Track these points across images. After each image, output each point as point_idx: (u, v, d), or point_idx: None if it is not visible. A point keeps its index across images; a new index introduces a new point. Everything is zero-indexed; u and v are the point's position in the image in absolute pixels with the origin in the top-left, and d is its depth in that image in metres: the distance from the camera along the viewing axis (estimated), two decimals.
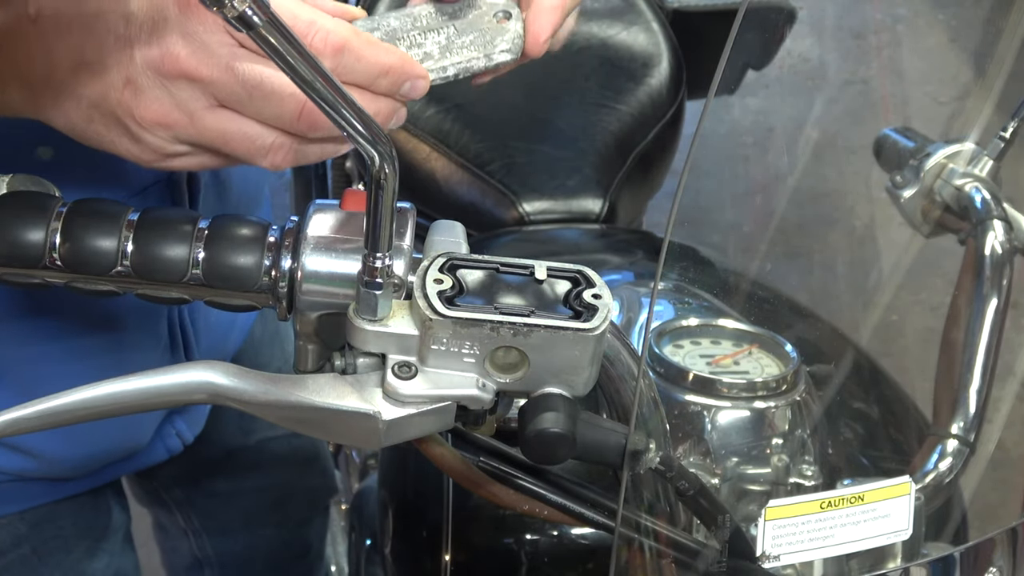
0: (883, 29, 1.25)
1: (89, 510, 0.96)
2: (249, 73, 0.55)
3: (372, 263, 0.55)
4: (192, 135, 0.57)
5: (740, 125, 1.39)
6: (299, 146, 0.59)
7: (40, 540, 0.92)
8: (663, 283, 1.00)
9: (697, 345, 0.84)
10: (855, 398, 0.93)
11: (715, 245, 1.13)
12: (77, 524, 0.95)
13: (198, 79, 0.55)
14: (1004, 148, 0.90)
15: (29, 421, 0.53)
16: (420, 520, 0.92)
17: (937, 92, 1.61)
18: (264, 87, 0.56)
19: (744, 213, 1.02)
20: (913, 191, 0.93)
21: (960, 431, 0.79)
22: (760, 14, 1.11)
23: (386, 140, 0.51)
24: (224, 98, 0.56)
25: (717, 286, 1.04)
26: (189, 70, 0.55)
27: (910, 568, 0.71)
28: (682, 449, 0.77)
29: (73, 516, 0.94)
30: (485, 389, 0.58)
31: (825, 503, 0.65)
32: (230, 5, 0.45)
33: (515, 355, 0.57)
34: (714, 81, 0.55)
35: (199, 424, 1.02)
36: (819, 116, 1.00)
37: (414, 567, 0.93)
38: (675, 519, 0.69)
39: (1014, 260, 0.86)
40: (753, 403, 0.78)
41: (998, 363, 0.82)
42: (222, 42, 0.55)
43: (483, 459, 0.65)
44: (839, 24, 1.37)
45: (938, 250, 0.94)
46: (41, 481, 0.89)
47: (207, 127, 0.57)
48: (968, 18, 2.35)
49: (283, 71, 0.48)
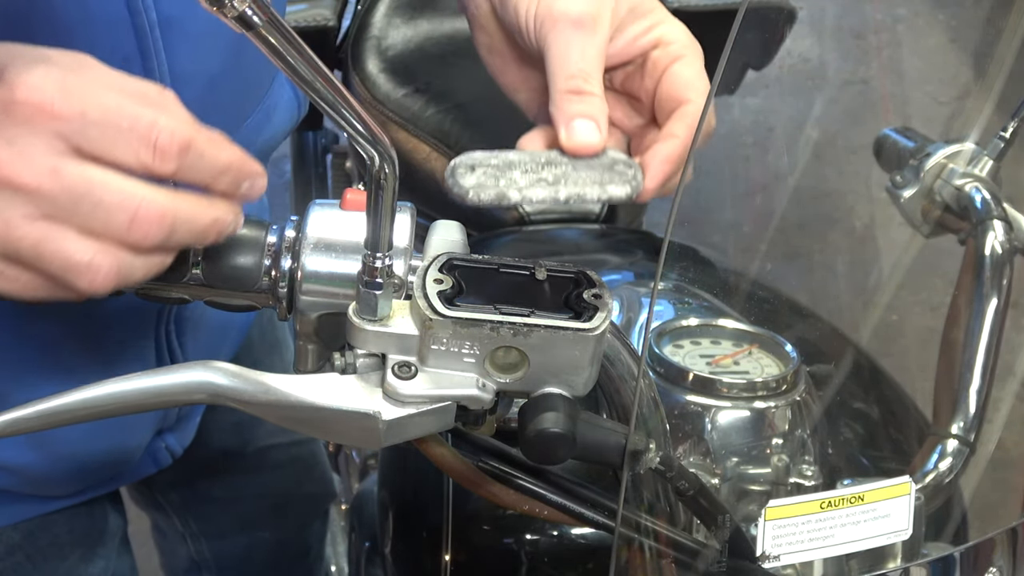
0: (883, 29, 1.26)
1: (84, 516, 0.96)
2: (77, 179, 0.50)
3: (372, 263, 0.55)
4: (3, 247, 0.51)
5: (740, 125, 1.39)
6: (125, 262, 0.52)
7: (34, 548, 0.91)
8: (663, 283, 1.00)
9: (697, 345, 0.84)
10: (855, 398, 0.93)
11: (715, 245, 1.13)
12: (72, 530, 0.95)
13: (19, 187, 0.50)
14: (1004, 148, 0.90)
15: (29, 421, 0.53)
16: (420, 520, 0.92)
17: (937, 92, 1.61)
18: (93, 194, 0.50)
19: (744, 213, 1.02)
20: (913, 191, 0.93)
21: (960, 431, 0.79)
22: (760, 14, 1.11)
23: (386, 140, 0.51)
24: (46, 208, 0.50)
25: (717, 286, 1.04)
26: (9, 177, 0.50)
27: (910, 568, 0.71)
28: (682, 449, 0.77)
29: (68, 523, 0.93)
30: (485, 389, 0.58)
31: (825, 503, 0.65)
32: (230, 5, 0.45)
33: (515, 355, 0.57)
34: (714, 81, 0.55)
35: (188, 437, 1.02)
36: (819, 116, 1.00)
37: (414, 567, 0.93)
38: (675, 519, 0.69)
39: (1014, 260, 0.86)
40: (753, 403, 0.78)
41: (998, 363, 0.82)
42: (48, 145, 0.50)
43: (483, 459, 0.65)
44: (839, 24, 1.37)
45: (938, 250, 0.94)
46: (31, 496, 0.89)
47: (20, 238, 0.50)
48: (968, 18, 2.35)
49: (283, 71, 0.48)
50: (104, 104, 0.50)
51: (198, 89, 0.74)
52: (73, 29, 0.66)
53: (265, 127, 0.89)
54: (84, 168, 0.50)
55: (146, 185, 0.52)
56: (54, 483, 0.89)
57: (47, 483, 0.89)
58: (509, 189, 0.57)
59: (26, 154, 0.50)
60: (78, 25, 0.66)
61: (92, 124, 0.50)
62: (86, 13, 0.66)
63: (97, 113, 0.50)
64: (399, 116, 1.30)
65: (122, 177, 0.51)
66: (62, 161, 0.50)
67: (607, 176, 0.59)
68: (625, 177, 0.59)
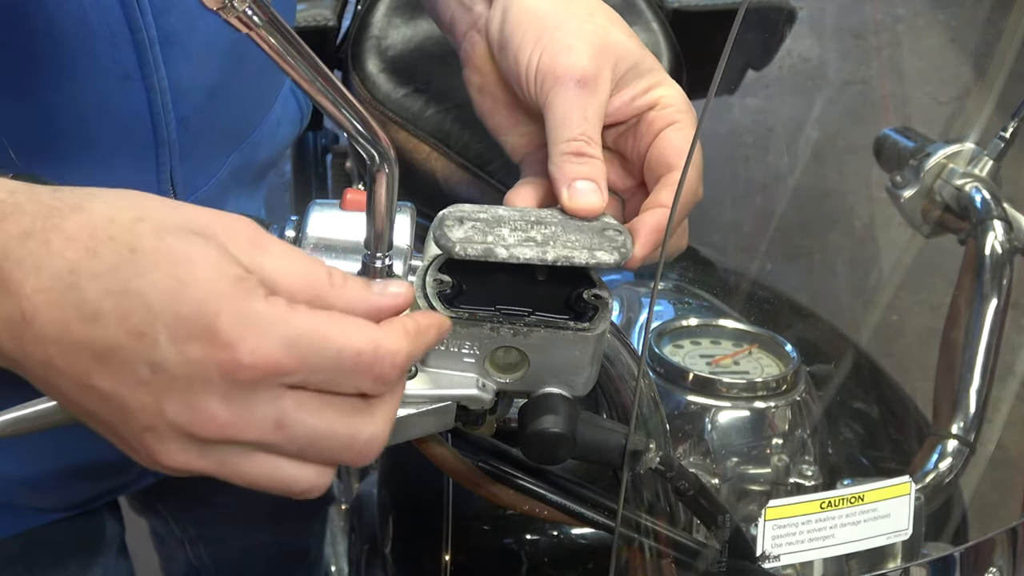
0: (883, 29, 1.25)
1: (83, 524, 0.95)
2: (300, 430, 0.48)
3: (372, 263, 0.55)
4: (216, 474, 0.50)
5: (740, 125, 1.39)
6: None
7: (33, 558, 0.91)
8: (663, 283, 1.00)
9: (697, 345, 0.84)
10: (855, 398, 0.93)
11: (715, 245, 1.13)
12: (71, 539, 0.94)
13: (238, 441, 0.48)
14: (1004, 148, 0.90)
15: (29, 421, 0.53)
16: (420, 520, 0.92)
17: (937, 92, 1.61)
18: (319, 444, 0.49)
19: (744, 213, 1.02)
20: (913, 191, 0.93)
21: (960, 431, 0.79)
22: (760, 14, 1.11)
23: (386, 140, 0.51)
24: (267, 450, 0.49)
25: (717, 286, 1.04)
26: (231, 435, 0.48)
27: (910, 568, 0.71)
28: (682, 449, 0.77)
29: (67, 532, 0.93)
30: (485, 389, 0.58)
31: (825, 503, 0.65)
32: (230, 5, 0.45)
33: (515, 355, 0.57)
34: (714, 81, 0.55)
35: None
36: (819, 116, 1.00)
37: (414, 567, 0.93)
38: (675, 519, 0.69)
39: (1014, 260, 0.86)
40: (753, 403, 0.78)
41: (998, 363, 0.82)
42: (271, 397, 0.47)
43: (483, 459, 0.65)
44: (839, 24, 1.37)
45: (938, 250, 0.94)
46: (31, 508, 0.89)
47: (238, 473, 0.50)
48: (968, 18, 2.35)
49: (283, 71, 0.48)
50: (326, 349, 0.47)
51: (198, 104, 0.74)
52: (74, 46, 0.66)
53: (269, 142, 0.88)
54: (305, 418, 0.48)
55: (370, 419, 0.50)
56: (53, 496, 0.89)
57: (46, 496, 0.89)
58: (496, 246, 0.56)
59: (249, 412, 0.47)
60: (79, 42, 0.66)
61: (317, 372, 0.48)
62: (87, 30, 0.66)
63: (321, 361, 0.47)
64: (399, 116, 1.29)
65: (347, 416, 0.49)
66: (285, 413, 0.48)
67: (596, 241, 0.58)
68: (614, 244, 0.58)
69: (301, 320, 0.47)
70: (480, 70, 0.73)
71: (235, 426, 0.47)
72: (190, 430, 0.47)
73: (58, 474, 0.86)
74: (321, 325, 0.48)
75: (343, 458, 0.50)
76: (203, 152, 0.79)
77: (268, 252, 0.49)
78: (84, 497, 0.92)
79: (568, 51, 0.66)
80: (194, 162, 0.77)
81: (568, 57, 0.65)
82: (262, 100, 0.86)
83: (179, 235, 0.47)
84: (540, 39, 0.66)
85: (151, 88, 0.70)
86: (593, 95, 0.65)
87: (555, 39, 0.66)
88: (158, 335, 0.46)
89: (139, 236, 0.46)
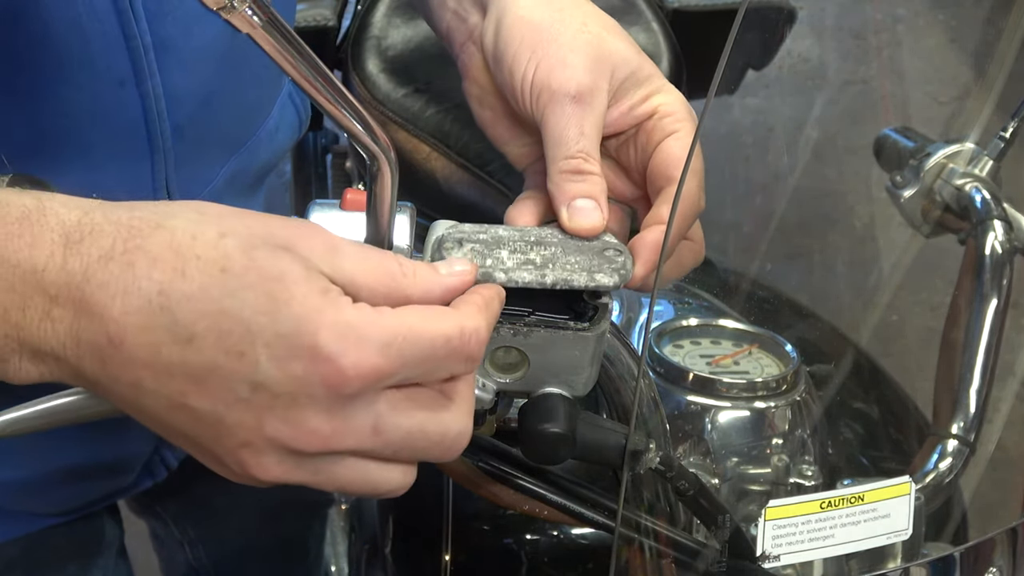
0: (883, 29, 1.26)
1: (82, 528, 0.95)
2: (395, 433, 0.49)
3: None
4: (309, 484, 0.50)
5: (740, 125, 1.39)
6: None
7: (32, 562, 0.91)
8: None
9: (697, 345, 0.84)
10: (855, 398, 0.93)
11: (715, 245, 1.13)
12: (70, 543, 0.94)
13: (339, 451, 0.48)
14: (1004, 148, 0.90)
15: (29, 421, 0.53)
16: (420, 520, 0.92)
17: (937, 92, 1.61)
18: (413, 445, 0.50)
19: (744, 213, 1.02)
20: (913, 191, 0.93)
21: (960, 431, 0.79)
22: (760, 14, 1.11)
23: (386, 140, 0.51)
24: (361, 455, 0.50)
25: (717, 286, 1.04)
26: (332, 446, 0.48)
27: (910, 568, 0.71)
28: (682, 449, 0.77)
29: (66, 536, 0.93)
30: (485, 389, 0.58)
31: (825, 503, 0.65)
32: (230, 5, 0.45)
33: (515, 355, 0.57)
34: (714, 81, 0.55)
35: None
36: (819, 116, 1.00)
37: (414, 567, 0.93)
38: (675, 519, 0.69)
39: (1014, 260, 0.86)
40: (753, 403, 0.78)
41: (998, 363, 0.82)
42: (366, 406, 0.48)
43: (483, 459, 0.65)
44: (839, 24, 1.37)
45: (938, 250, 0.94)
46: (30, 513, 0.89)
47: (332, 480, 0.50)
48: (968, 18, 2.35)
49: (283, 71, 0.48)
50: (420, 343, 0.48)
51: (193, 111, 0.74)
52: (68, 52, 0.66)
53: (266, 148, 0.88)
54: (400, 420, 0.48)
55: (456, 413, 0.50)
56: (52, 500, 0.89)
57: (46, 500, 0.89)
58: (495, 270, 0.56)
59: (349, 423, 0.47)
60: (73, 48, 0.66)
61: (412, 367, 0.48)
62: (81, 36, 0.66)
63: (417, 355, 0.48)
64: (399, 116, 1.29)
65: (435, 413, 0.50)
66: (380, 417, 0.48)
67: (596, 262, 0.58)
68: (614, 265, 0.58)
69: (390, 321, 0.47)
70: (478, 82, 0.72)
71: (335, 438, 0.47)
72: (292, 445, 0.47)
73: (58, 479, 0.86)
74: (407, 320, 0.48)
75: (433, 455, 0.51)
76: (199, 159, 0.78)
77: (345, 255, 0.49)
78: (84, 501, 0.92)
79: (562, 66, 0.65)
80: (190, 169, 0.77)
81: (563, 72, 0.64)
82: (259, 107, 0.86)
83: (267, 251, 0.47)
84: (535, 52, 0.66)
85: (146, 95, 0.70)
86: (590, 110, 0.64)
87: (549, 53, 0.65)
88: (258, 355, 0.45)
89: (227, 255, 0.46)
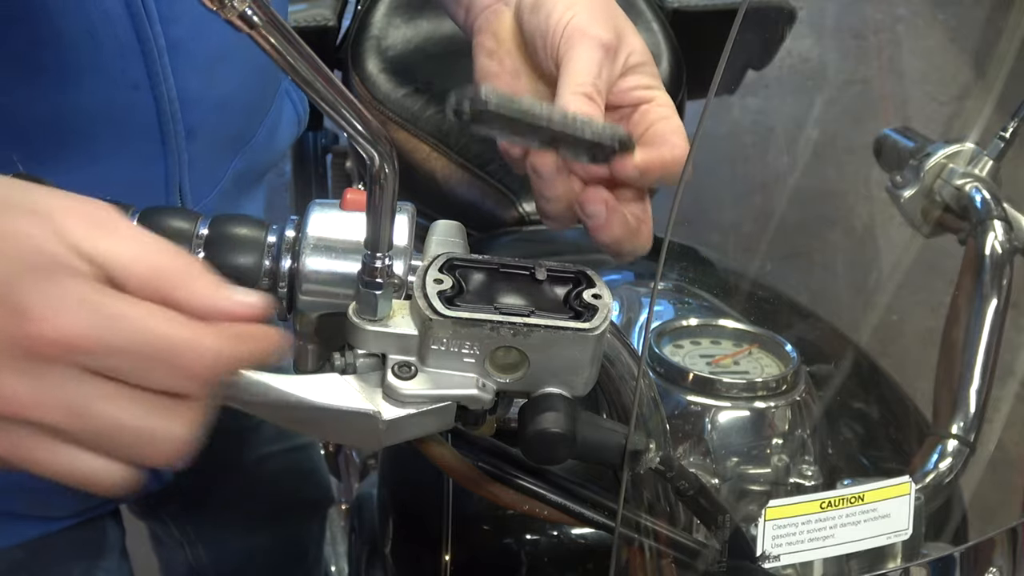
0: (883, 29, 1.26)
1: (86, 531, 0.96)
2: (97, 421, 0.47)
3: (372, 263, 0.55)
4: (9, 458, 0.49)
5: (740, 125, 1.39)
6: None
7: (38, 565, 0.92)
8: (663, 283, 1.00)
9: (697, 345, 0.84)
10: (855, 398, 0.93)
11: (715, 245, 1.13)
12: (74, 546, 0.95)
13: (32, 421, 0.47)
14: (1004, 148, 0.90)
15: None
16: (420, 520, 0.92)
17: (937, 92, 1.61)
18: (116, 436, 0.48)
19: (744, 213, 1.02)
20: (913, 191, 0.93)
21: (960, 431, 0.79)
22: (760, 14, 1.11)
23: (386, 140, 0.51)
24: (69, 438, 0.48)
25: (717, 286, 1.04)
26: (28, 414, 0.47)
27: (910, 568, 0.71)
28: (682, 449, 0.77)
29: (70, 539, 0.94)
30: (485, 389, 0.58)
31: (825, 503, 0.65)
32: (230, 5, 0.45)
33: (515, 355, 0.57)
34: (714, 81, 0.55)
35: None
36: (819, 116, 1.00)
37: (414, 567, 0.93)
38: (675, 519, 0.69)
39: (1014, 260, 0.86)
40: (753, 403, 0.78)
41: (998, 363, 0.82)
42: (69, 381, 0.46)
43: (483, 459, 0.65)
44: (839, 24, 1.37)
45: (938, 250, 0.94)
46: (36, 517, 0.90)
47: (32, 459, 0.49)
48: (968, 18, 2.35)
49: (283, 71, 0.48)
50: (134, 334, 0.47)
51: (206, 113, 0.74)
52: (81, 56, 0.66)
53: (268, 146, 0.89)
54: (104, 407, 0.47)
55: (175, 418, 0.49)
56: (57, 504, 0.90)
57: (50, 504, 0.89)
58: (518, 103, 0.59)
59: (46, 392, 0.46)
60: (86, 52, 0.66)
61: (120, 356, 0.47)
62: (95, 40, 0.66)
63: (125, 346, 0.47)
64: (399, 116, 1.30)
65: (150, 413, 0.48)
66: (84, 398, 0.47)
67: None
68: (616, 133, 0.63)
69: (115, 304, 0.47)
70: (497, 36, 0.75)
71: (32, 407, 0.46)
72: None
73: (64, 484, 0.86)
74: (135, 311, 0.47)
75: (143, 455, 0.49)
76: (209, 160, 0.79)
77: (115, 236, 0.48)
78: (88, 505, 0.93)
79: (598, 22, 0.70)
80: (201, 170, 0.77)
81: (598, 25, 0.69)
82: (261, 105, 0.86)
83: (16, 213, 0.47)
84: (576, 3, 0.70)
85: (160, 98, 0.70)
86: (611, 62, 0.69)
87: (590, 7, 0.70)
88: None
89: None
